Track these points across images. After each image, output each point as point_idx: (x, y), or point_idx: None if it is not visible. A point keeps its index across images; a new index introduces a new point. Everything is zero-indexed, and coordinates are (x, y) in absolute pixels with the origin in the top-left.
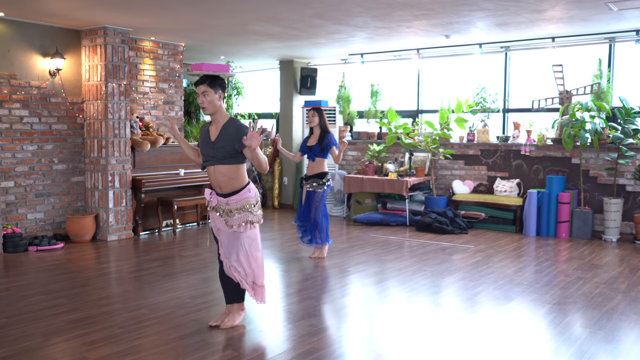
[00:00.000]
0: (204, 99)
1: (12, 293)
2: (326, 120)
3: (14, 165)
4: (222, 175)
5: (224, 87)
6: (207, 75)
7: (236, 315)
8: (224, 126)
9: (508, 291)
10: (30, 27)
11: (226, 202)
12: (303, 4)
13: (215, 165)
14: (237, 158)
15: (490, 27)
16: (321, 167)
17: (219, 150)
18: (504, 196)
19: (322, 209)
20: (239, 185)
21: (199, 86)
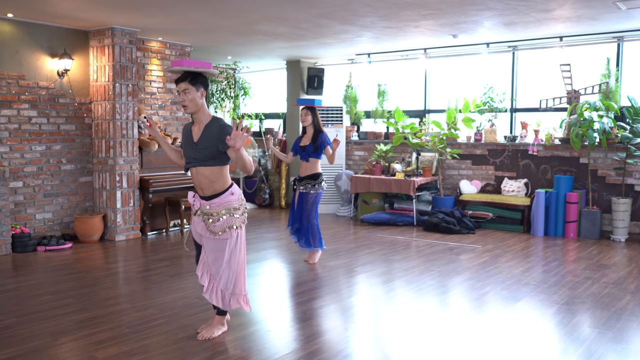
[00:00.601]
0: (185, 97)
1: (21, 293)
2: (320, 120)
3: (22, 166)
4: (204, 177)
5: (207, 84)
6: (188, 72)
7: (214, 329)
8: (206, 126)
9: (516, 291)
10: (39, 28)
11: (208, 205)
12: (310, 4)
13: (198, 167)
14: (220, 159)
15: (497, 26)
16: (315, 168)
17: (202, 151)
18: (512, 196)
19: (315, 212)
20: (221, 187)
21: (179, 84)
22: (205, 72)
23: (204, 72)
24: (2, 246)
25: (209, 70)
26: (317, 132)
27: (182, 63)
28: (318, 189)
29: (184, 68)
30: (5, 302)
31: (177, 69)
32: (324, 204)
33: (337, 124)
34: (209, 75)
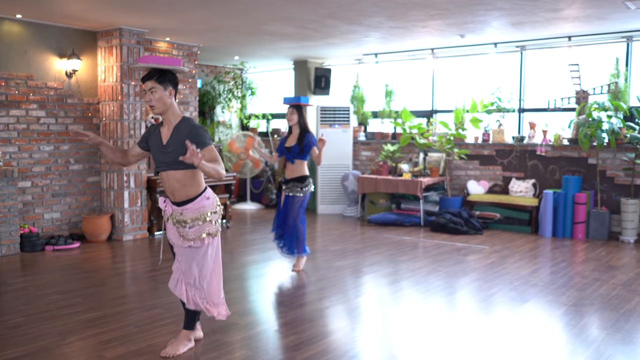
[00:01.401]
0: (152, 96)
1: (30, 292)
2: (306, 119)
3: (31, 166)
4: (175, 181)
5: (176, 82)
6: (156, 69)
7: (180, 345)
8: (175, 127)
9: (523, 292)
10: (47, 29)
11: (180, 211)
12: (317, 4)
13: (168, 171)
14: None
15: (505, 26)
16: (301, 170)
17: (172, 154)
18: (520, 197)
19: (301, 216)
20: (194, 192)
21: (145, 82)
22: (173, 69)
23: (172, 69)
24: (11, 246)
25: (177, 67)
26: (303, 132)
27: (148, 60)
28: (305, 192)
29: (150, 65)
30: (14, 301)
31: (142, 66)
32: (330, 205)
33: (344, 124)
34: (177, 72)
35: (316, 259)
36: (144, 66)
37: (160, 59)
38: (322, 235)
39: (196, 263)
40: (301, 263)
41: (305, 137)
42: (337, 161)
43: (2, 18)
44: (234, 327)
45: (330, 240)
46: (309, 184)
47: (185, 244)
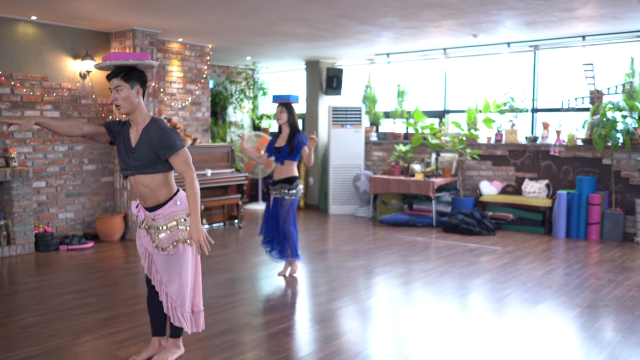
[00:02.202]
0: (118, 95)
1: (44, 291)
2: (296, 118)
3: (45, 166)
4: (144, 186)
5: (144, 80)
6: (122, 66)
7: (168, 353)
8: (144, 129)
9: (537, 294)
10: (62, 30)
11: (152, 217)
12: (329, 5)
13: (136, 176)
14: (162, 166)
15: (519, 26)
16: (290, 171)
17: (139, 158)
18: (533, 197)
19: (291, 219)
20: (164, 197)
21: (111, 80)
22: (138, 64)
23: (138, 64)
24: (26, 245)
25: (143, 62)
26: (294, 131)
27: (111, 57)
28: (294, 194)
29: (113, 62)
30: (29, 300)
31: (105, 65)
32: (342, 205)
33: (356, 124)
34: (144, 68)
35: (328, 259)
36: (106, 65)
37: (125, 55)
38: (334, 236)
39: (174, 271)
40: (294, 268)
41: (295, 136)
42: (348, 161)
43: (17, 20)
44: (247, 327)
45: (342, 240)
46: (297, 186)
47: (160, 253)
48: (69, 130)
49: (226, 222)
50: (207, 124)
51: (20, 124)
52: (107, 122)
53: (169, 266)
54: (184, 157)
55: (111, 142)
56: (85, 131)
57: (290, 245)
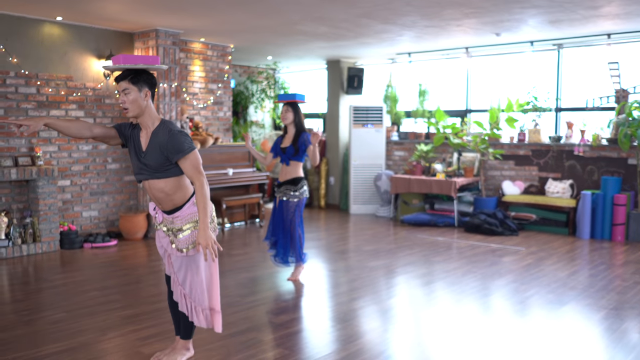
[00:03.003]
0: (126, 98)
1: (69, 288)
2: (302, 117)
3: (70, 165)
4: (158, 191)
5: (152, 83)
6: (130, 69)
7: (178, 354)
8: (153, 133)
9: (561, 295)
10: (86, 31)
11: (171, 219)
12: (351, 4)
13: (150, 180)
14: (174, 170)
15: (542, 24)
16: (296, 172)
17: (150, 162)
18: (557, 197)
19: (298, 222)
20: (181, 200)
21: (119, 82)
22: (147, 68)
23: (147, 68)
24: (51, 243)
25: (152, 65)
26: (299, 131)
27: (120, 59)
28: (300, 195)
29: (121, 65)
30: (55, 297)
31: (113, 67)
32: (363, 205)
33: (377, 124)
34: (153, 71)
35: (349, 259)
36: (113, 68)
37: (134, 58)
38: (355, 235)
39: (193, 272)
40: (298, 272)
41: (300, 136)
42: (369, 161)
43: (43, 20)
44: (268, 326)
45: (363, 240)
46: (303, 187)
47: (178, 254)
48: (78, 131)
49: (247, 221)
50: (228, 124)
51: (29, 124)
52: (118, 124)
53: (186, 266)
54: (192, 161)
55: (123, 144)
56: (95, 133)
57: (294, 249)
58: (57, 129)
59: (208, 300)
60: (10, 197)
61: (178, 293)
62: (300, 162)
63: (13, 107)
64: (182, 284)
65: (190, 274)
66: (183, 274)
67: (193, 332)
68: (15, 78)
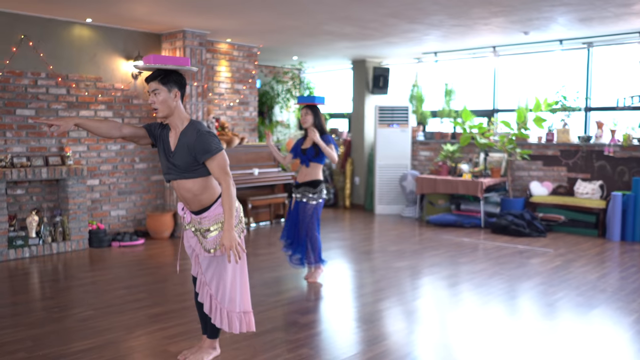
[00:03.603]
0: (155, 98)
1: (98, 286)
2: (322, 119)
3: (99, 164)
4: (186, 191)
5: (182, 84)
6: (160, 69)
7: (204, 353)
8: (182, 133)
9: (591, 298)
10: (115, 32)
11: (199, 220)
12: (378, 4)
13: (178, 180)
14: (202, 170)
15: (572, 22)
16: (315, 174)
17: (179, 163)
18: (586, 198)
19: (315, 224)
20: (208, 201)
21: (149, 83)
22: (178, 69)
23: (178, 69)
24: (80, 241)
25: (183, 67)
26: (321, 135)
27: (151, 59)
28: (318, 198)
29: (152, 65)
30: (84, 295)
31: (144, 67)
32: (388, 205)
33: (403, 123)
34: (183, 72)
35: (374, 259)
36: (146, 68)
37: (165, 59)
38: (380, 236)
39: (220, 273)
40: (317, 274)
41: (321, 139)
42: (395, 161)
43: (73, 22)
44: (294, 326)
45: (389, 240)
46: (321, 190)
47: (205, 254)
48: (108, 131)
49: (272, 220)
50: (254, 124)
51: (59, 124)
52: (148, 124)
53: (214, 267)
54: (219, 162)
55: (152, 144)
56: (124, 133)
57: (314, 251)
58: (87, 129)
59: (239, 303)
60: (41, 196)
61: (204, 293)
62: (321, 165)
63: (44, 107)
64: (208, 284)
65: (217, 274)
66: (210, 275)
67: (220, 332)
68: (46, 79)
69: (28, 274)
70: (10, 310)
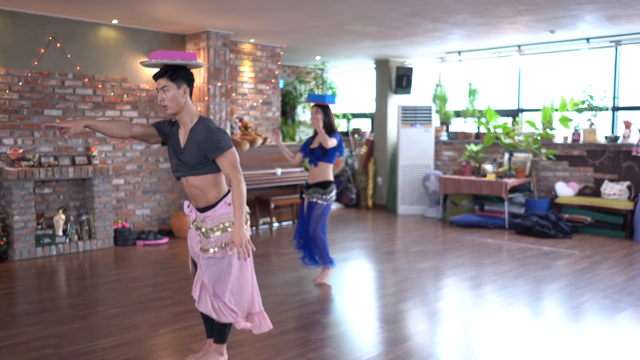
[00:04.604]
0: (164, 95)
1: (123, 284)
2: (332, 119)
3: (124, 164)
4: (194, 188)
5: (190, 79)
6: (168, 65)
7: (211, 359)
8: (192, 130)
9: (618, 301)
10: (140, 33)
11: (202, 218)
12: (401, 3)
13: (187, 177)
14: (211, 167)
15: (599, 20)
16: (325, 174)
17: (188, 159)
18: (613, 199)
19: (322, 225)
20: (215, 198)
21: (157, 80)
22: (186, 64)
23: (186, 64)
24: (106, 239)
25: (190, 62)
26: (329, 133)
27: (158, 55)
28: (327, 199)
29: (160, 61)
30: (110, 292)
31: (151, 63)
32: (411, 205)
33: (426, 123)
34: (191, 67)
35: (397, 260)
36: (152, 64)
37: (172, 54)
38: (403, 236)
39: (220, 275)
40: (325, 275)
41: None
42: (418, 161)
43: (99, 24)
44: (317, 325)
45: (411, 241)
46: (331, 191)
47: (205, 255)
48: (118, 132)
49: (295, 220)
50: (277, 124)
51: (69, 127)
52: (157, 122)
53: (217, 269)
54: (230, 159)
55: (163, 142)
56: (134, 132)
57: (321, 251)
58: (97, 130)
59: (247, 304)
60: (67, 195)
61: (203, 294)
62: (330, 164)
63: (71, 108)
64: (207, 285)
65: (217, 275)
66: (209, 275)
67: (227, 336)
68: (73, 80)
69: (55, 271)
70: (38, 307)
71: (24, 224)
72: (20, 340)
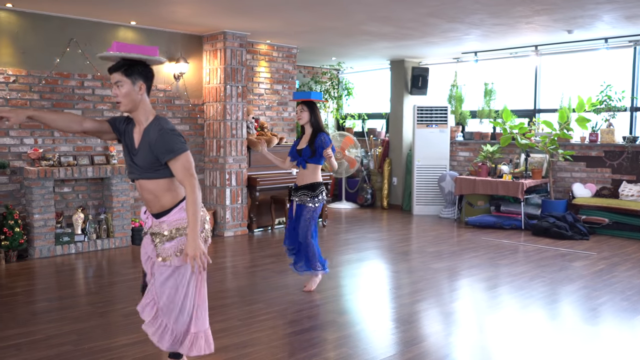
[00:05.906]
0: (118, 91)
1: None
2: (319, 117)
3: None
4: (148, 192)
5: (149, 76)
6: (125, 59)
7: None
8: (146, 129)
9: (636, 303)
10: (158, 34)
11: (158, 223)
12: (418, 3)
13: (140, 180)
14: (164, 171)
15: (618, 20)
16: (314, 176)
17: (141, 161)
18: (631, 201)
19: (312, 229)
20: (170, 203)
21: (112, 74)
22: (144, 59)
23: (144, 59)
24: (123, 238)
25: (149, 57)
26: (316, 132)
27: (114, 47)
28: (317, 202)
29: (116, 54)
30: (127, 290)
31: (108, 55)
32: (426, 206)
33: (442, 124)
34: (150, 63)
35: (412, 260)
36: (107, 56)
37: (130, 47)
38: (418, 237)
39: (172, 286)
40: (313, 282)
41: (317, 137)
42: (433, 162)
43: (118, 25)
44: (332, 325)
45: (427, 241)
46: (320, 193)
47: (160, 263)
48: (65, 125)
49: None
50: (293, 124)
51: (10, 116)
52: (112, 118)
53: (166, 279)
54: (183, 163)
55: (118, 139)
56: (85, 127)
57: (312, 257)
58: (42, 122)
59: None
60: (86, 194)
61: (150, 306)
62: (319, 165)
63: (90, 108)
64: (158, 298)
65: (169, 288)
66: (162, 288)
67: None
68: (92, 80)
69: (74, 269)
70: (57, 304)
71: (43, 223)
72: (40, 336)
